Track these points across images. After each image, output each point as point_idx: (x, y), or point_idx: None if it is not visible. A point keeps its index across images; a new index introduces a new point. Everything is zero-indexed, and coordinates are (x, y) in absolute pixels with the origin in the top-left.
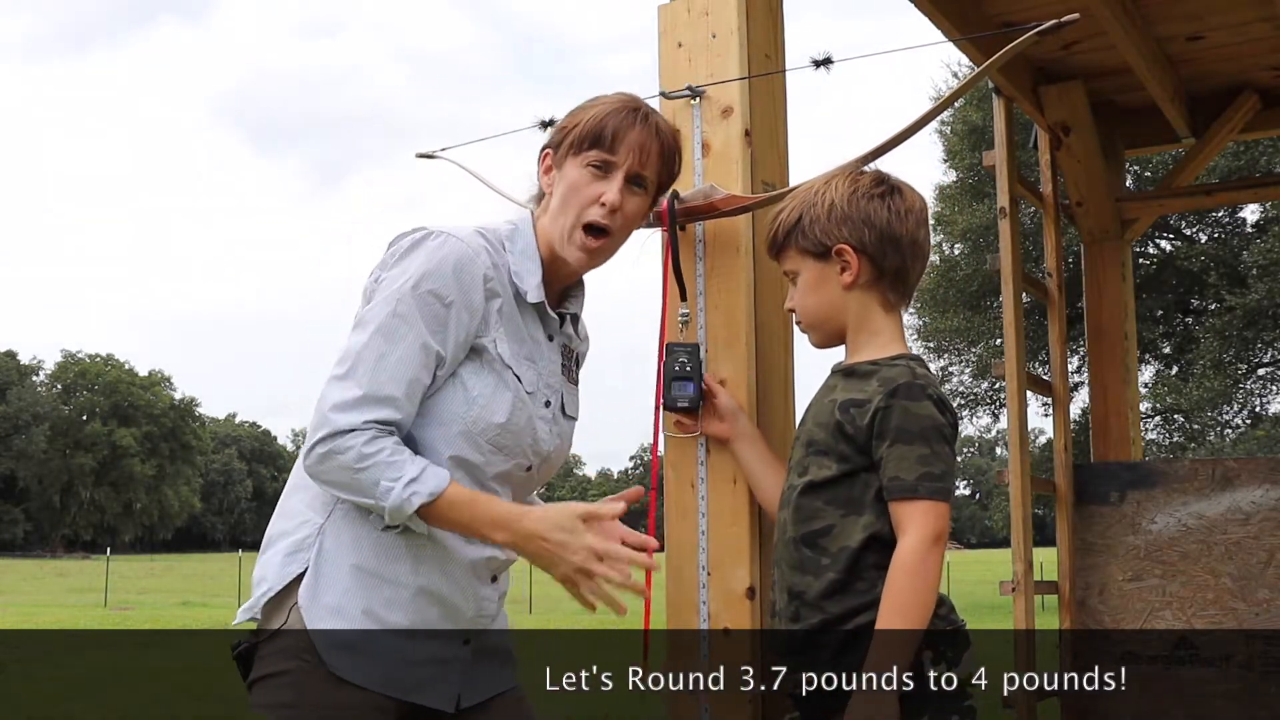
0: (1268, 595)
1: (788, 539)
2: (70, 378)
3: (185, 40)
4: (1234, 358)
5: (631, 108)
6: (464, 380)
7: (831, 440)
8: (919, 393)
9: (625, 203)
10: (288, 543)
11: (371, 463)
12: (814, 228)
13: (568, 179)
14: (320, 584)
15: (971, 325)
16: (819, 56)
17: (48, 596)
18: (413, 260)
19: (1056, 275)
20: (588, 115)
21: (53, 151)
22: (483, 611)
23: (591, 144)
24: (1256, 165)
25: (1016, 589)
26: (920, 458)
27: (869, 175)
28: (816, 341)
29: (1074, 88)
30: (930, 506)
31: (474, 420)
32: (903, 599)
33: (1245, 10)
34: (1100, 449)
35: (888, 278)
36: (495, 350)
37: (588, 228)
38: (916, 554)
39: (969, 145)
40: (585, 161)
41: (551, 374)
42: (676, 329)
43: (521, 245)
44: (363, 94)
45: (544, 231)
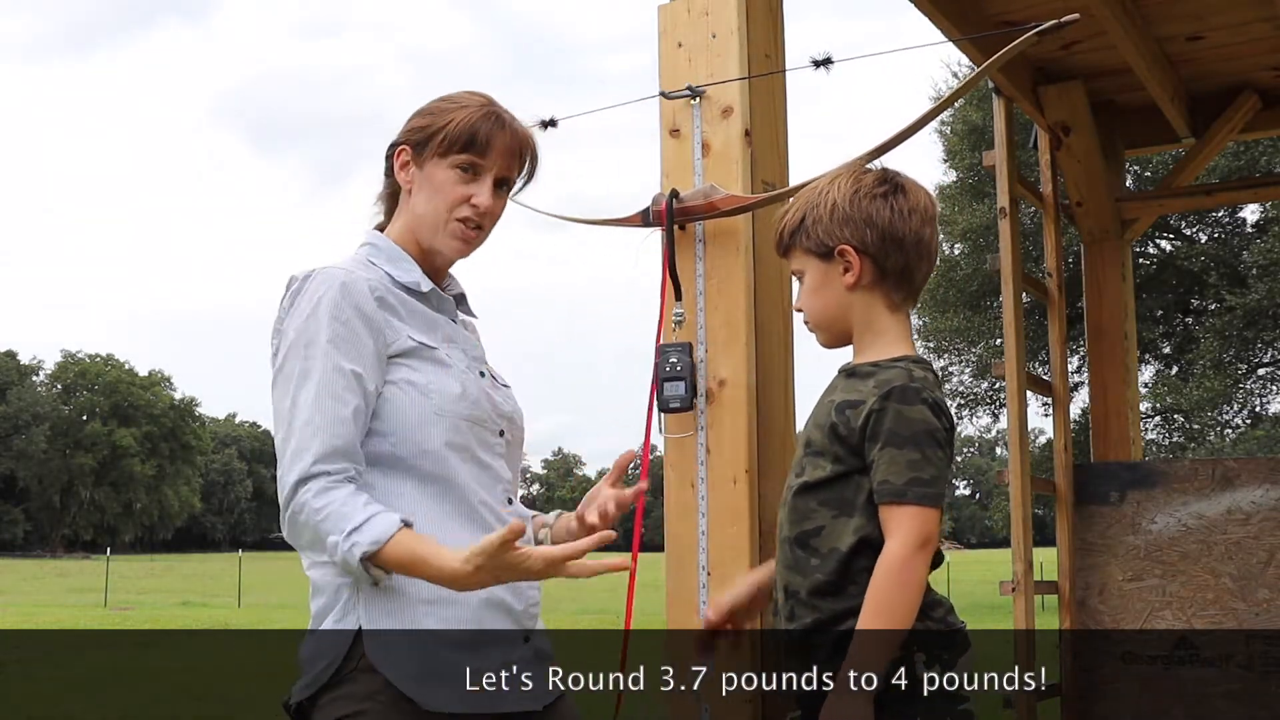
0: (1268, 595)
1: (783, 538)
2: (70, 378)
3: (186, 41)
4: (1234, 358)
5: (496, 113)
6: (410, 381)
7: (827, 441)
8: (913, 396)
9: (494, 205)
10: (335, 613)
11: (323, 515)
12: (816, 228)
13: (433, 179)
14: (378, 627)
15: (971, 325)
16: (819, 56)
17: (48, 596)
18: (302, 301)
19: (1056, 275)
20: (455, 118)
21: (53, 151)
22: (531, 602)
23: (462, 148)
24: (1256, 165)
25: (1016, 589)
26: (910, 462)
27: (873, 174)
28: (824, 342)
29: (1074, 88)
30: (918, 512)
31: (439, 403)
32: (885, 601)
33: (1245, 10)
34: (1100, 449)
35: (891, 278)
36: (415, 342)
37: (463, 220)
38: (900, 558)
39: (969, 145)
40: (454, 163)
41: (472, 348)
42: (671, 329)
43: (386, 254)
44: (363, 94)
45: (405, 230)
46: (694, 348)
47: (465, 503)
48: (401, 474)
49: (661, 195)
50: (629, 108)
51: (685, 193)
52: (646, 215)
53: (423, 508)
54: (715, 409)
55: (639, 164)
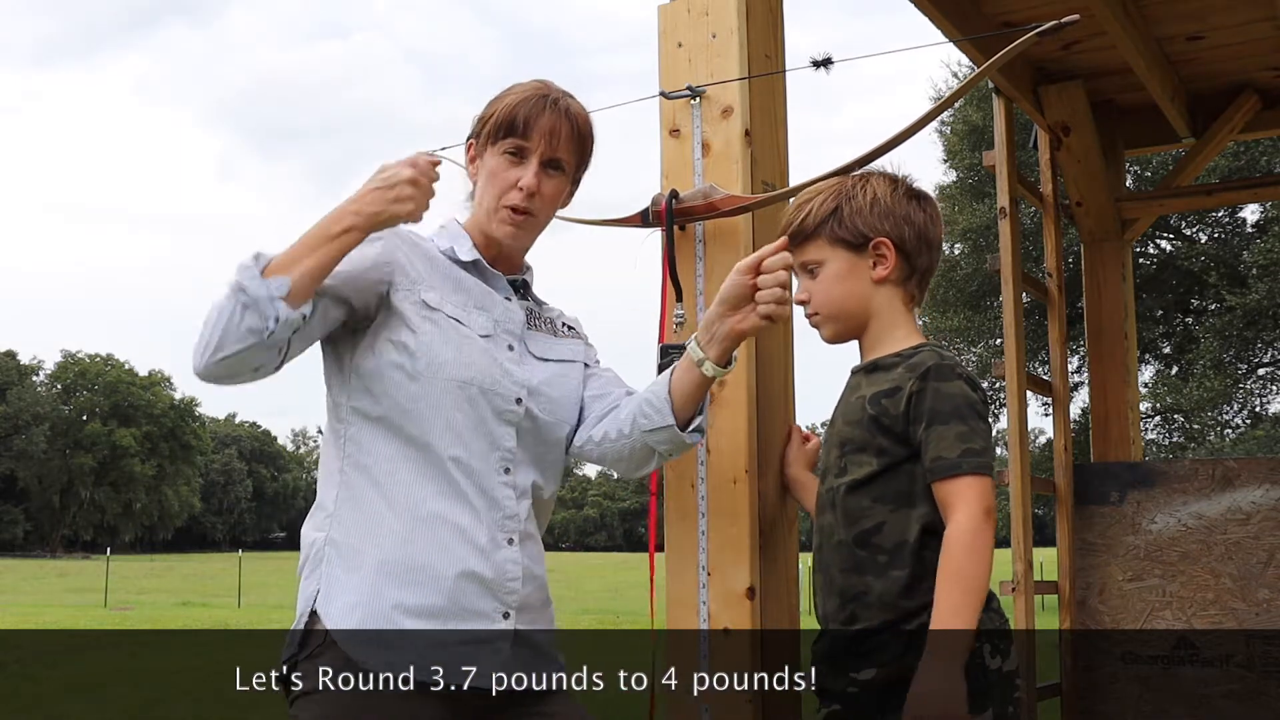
0: (1268, 595)
1: (836, 542)
2: (70, 378)
3: (192, 43)
4: (1234, 358)
5: (541, 94)
6: (401, 342)
7: (868, 435)
8: (949, 373)
9: (542, 185)
10: (306, 569)
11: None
12: (855, 219)
13: (487, 167)
14: (333, 590)
15: (971, 325)
16: (819, 56)
17: (48, 596)
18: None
19: (1056, 275)
20: (501, 105)
21: (54, 151)
22: (507, 574)
23: (506, 132)
24: (1256, 165)
25: (1016, 589)
26: (959, 435)
27: (903, 178)
28: (830, 334)
29: (1074, 88)
30: (976, 481)
31: (424, 365)
32: (961, 572)
33: (1245, 10)
34: (1100, 449)
35: (916, 276)
36: (419, 301)
37: (510, 207)
38: (969, 529)
39: (969, 145)
40: (501, 150)
41: (511, 321)
42: (672, 330)
43: (450, 233)
44: (367, 96)
45: (473, 220)
46: None
47: (440, 464)
48: (385, 431)
49: (661, 195)
50: (629, 108)
51: (685, 193)
52: (646, 215)
53: (400, 466)
54: (715, 409)
55: (639, 164)
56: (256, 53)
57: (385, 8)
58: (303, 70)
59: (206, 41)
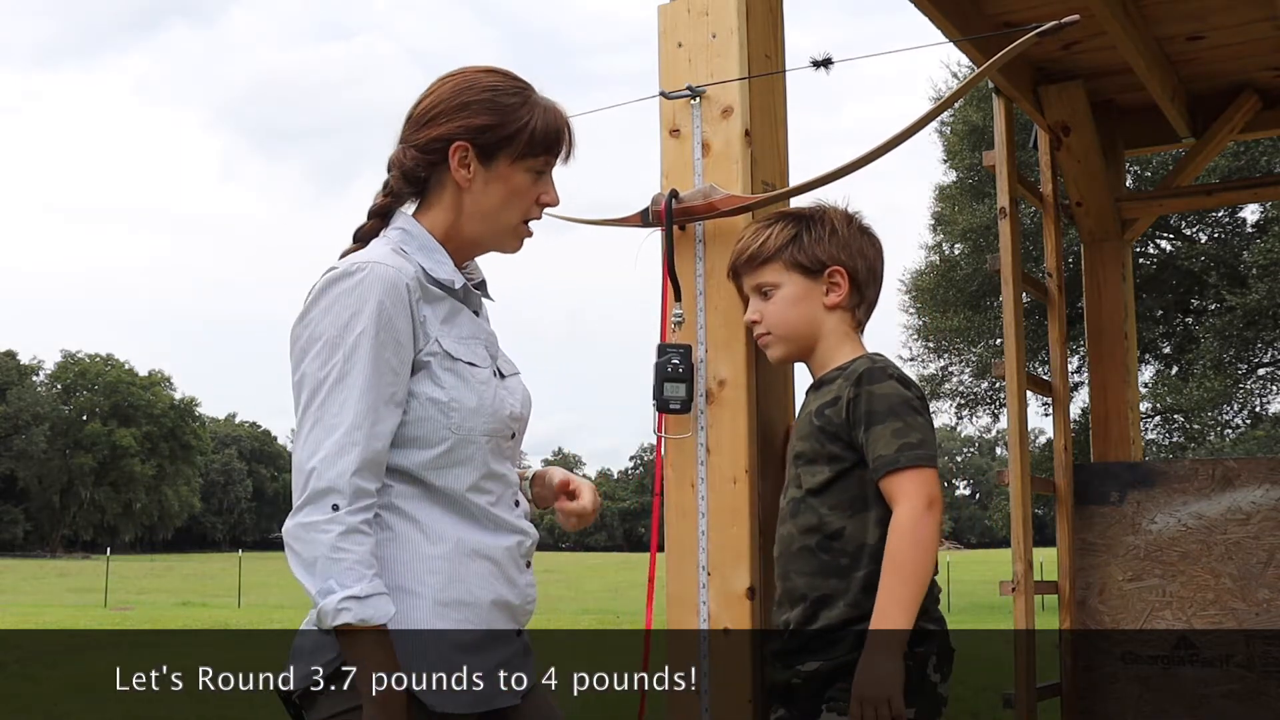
0: (1268, 595)
1: (797, 549)
2: (70, 378)
3: (192, 43)
4: (1234, 358)
5: (558, 107)
6: (431, 397)
7: (818, 445)
8: (880, 375)
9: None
10: None
11: (335, 559)
12: (815, 247)
13: (509, 182)
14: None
15: (971, 325)
16: (819, 56)
17: (48, 596)
18: (350, 298)
19: (1056, 275)
20: (531, 120)
21: (54, 151)
22: (528, 599)
23: (544, 149)
24: (1256, 165)
25: (1016, 589)
26: (895, 431)
27: (855, 214)
28: (778, 355)
29: (1074, 88)
30: (916, 474)
31: (457, 420)
32: (902, 562)
33: (1245, 10)
34: (1100, 449)
35: (864, 305)
36: (441, 350)
37: (528, 222)
38: (910, 520)
39: (969, 145)
40: (530, 166)
41: (493, 345)
42: (671, 330)
43: (419, 243)
44: (368, 96)
45: (448, 224)
46: (694, 348)
47: (470, 514)
48: (418, 489)
49: (661, 195)
50: (629, 108)
51: (685, 193)
52: (646, 215)
53: (433, 521)
54: (715, 409)
55: (639, 164)
56: (257, 53)
57: (386, 8)
58: (304, 70)
59: (207, 42)
